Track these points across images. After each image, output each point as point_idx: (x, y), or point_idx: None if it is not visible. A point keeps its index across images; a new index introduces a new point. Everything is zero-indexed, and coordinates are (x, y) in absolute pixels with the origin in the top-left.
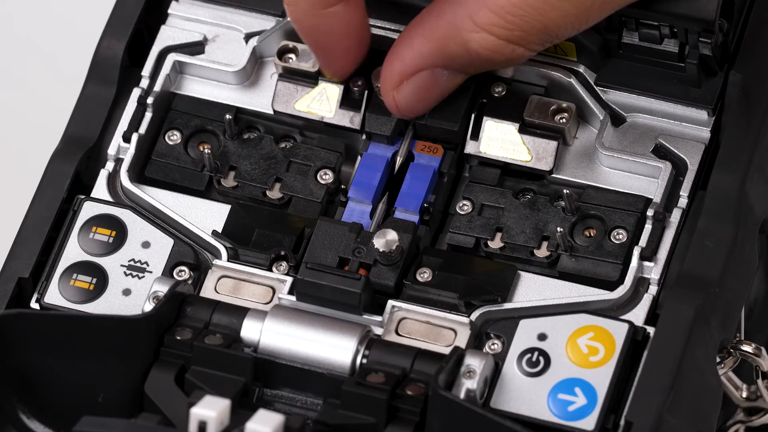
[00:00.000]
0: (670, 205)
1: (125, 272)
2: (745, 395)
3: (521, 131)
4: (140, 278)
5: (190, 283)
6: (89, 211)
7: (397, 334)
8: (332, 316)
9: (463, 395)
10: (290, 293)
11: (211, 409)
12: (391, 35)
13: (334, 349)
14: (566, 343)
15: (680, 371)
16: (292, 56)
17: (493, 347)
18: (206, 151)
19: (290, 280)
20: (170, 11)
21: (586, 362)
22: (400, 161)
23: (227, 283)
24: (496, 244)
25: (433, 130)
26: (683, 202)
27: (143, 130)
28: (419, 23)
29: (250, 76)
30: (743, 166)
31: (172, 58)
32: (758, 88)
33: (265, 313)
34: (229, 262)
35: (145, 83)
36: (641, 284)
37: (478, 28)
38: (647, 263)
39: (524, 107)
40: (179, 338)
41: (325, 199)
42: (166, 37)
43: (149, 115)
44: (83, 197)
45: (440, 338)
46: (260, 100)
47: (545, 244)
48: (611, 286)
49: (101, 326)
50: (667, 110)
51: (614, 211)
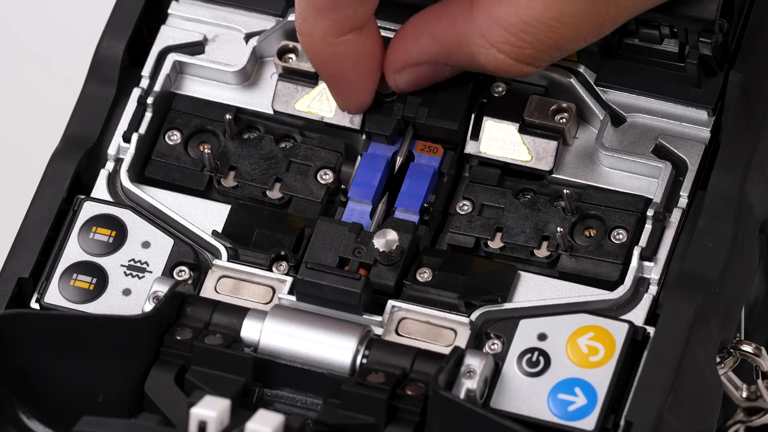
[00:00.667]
0: (670, 205)
1: (125, 272)
2: (745, 395)
3: (521, 131)
4: (140, 278)
5: (190, 283)
6: (89, 211)
7: (397, 334)
8: (332, 316)
9: (463, 395)
10: (290, 293)
11: (211, 409)
12: (390, 36)
13: (334, 349)
14: (566, 343)
15: (680, 371)
16: (292, 56)
17: (493, 347)
18: (206, 151)
19: (290, 280)
20: (170, 11)
21: (586, 362)
22: (400, 161)
23: (227, 283)
24: (496, 244)
25: (433, 130)
26: (683, 202)
27: (143, 130)
28: (429, 22)
29: (250, 76)
30: (743, 166)
31: (172, 58)
32: (758, 88)
33: (265, 313)
34: (229, 262)
35: (145, 83)
36: (641, 284)
37: (488, 44)
38: (647, 263)
39: (524, 107)
40: (179, 338)
41: (325, 199)
42: (166, 37)
43: (149, 115)
44: (83, 197)
45: (440, 338)
46: (260, 100)
47: (545, 244)
48: (611, 286)
49: (101, 326)
50: (667, 110)
51: (614, 211)
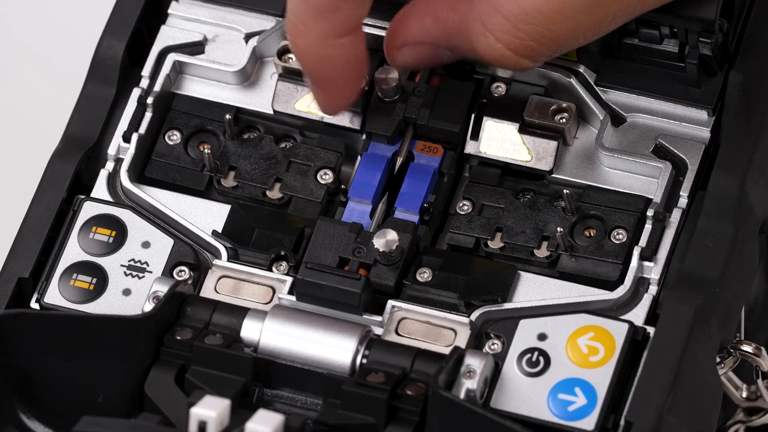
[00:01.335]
0: (670, 205)
1: (125, 272)
2: (745, 395)
3: (521, 131)
4: (140, 278)
5: (190, 283)
6: (89, 211)
7: (397, 334)
8: (332, 316)
9: (463, 395)
10: (290, 293)
11: (211, 409)
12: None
13: (334, 349)
14: (566, 343)
15: (680, 371)
16: (292, 56)
17: (493, 347)
18: (206, 151)
19: (290, 280)
20: (170, 11)
21: (586, 362)
22: (400, 161)
23: (227, 283)
24: (496, 244)
25: (433, 130)
26: (683, 202)
27: (143, 130)
28: (434, 3)
29: (250, 76)
30: (743, 166)
31: (172, 58)
32: (758, 88)
33: (265, 313)
34: (229, 262)
35: (145, 83)
36: (641, 284)
37: (487, 32)
38: (647, 263)
39: (524, 107)
40: (179, 338)
41: (325, 199)
42: (166, 37)
43: (149, 115)
44: (83, 197)
45: (440, 338)
46: (260, 100)
47: (545, 244)
48: (611, 286)
49: (101, 326)
50: (667, 110)
51: (614, 211)
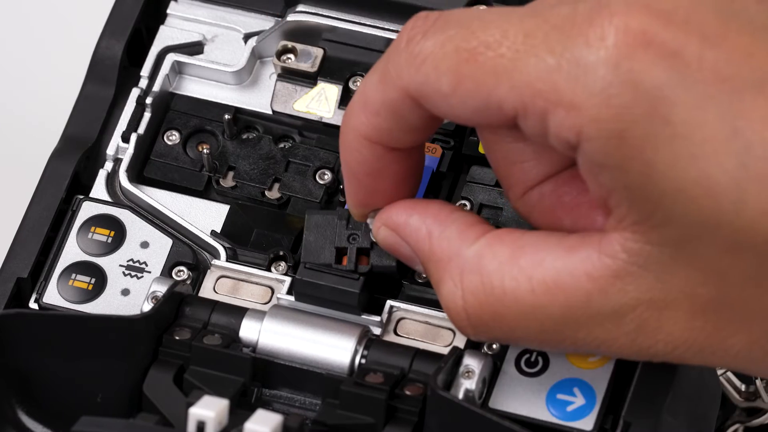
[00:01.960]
0: None
1: (124, 272)
2: (744, 395)
3: None
4: (139, 278)
5: (188, 283)
6: (88, 211)
7: (395, 334)
8: (331, 316)
9: (461, 395)
10: (289, 293)
11: (209, 409)
12: (390, 35)
13: (332, 349)
14: None
15: (679, 371)
16: (290, 56)
17: (491, 347)
18: (205, 151)
19: (289, 280)
20: (169, 11)
21: (584, 362)
22: None
23: (226, 283)
24: None
25: None
26: None
27: (142, 130)
28: (432, 211)
29: (248, 76)
30: None
31: (171, 58)
32: None
33: (263, 313)
34: (227, 262)
35: (144, 83)
36: None
37: (460, 284)
38: None
39: None
40: (178, 338)
41: (323, 199)
42: (165, 37)
43: (148, 115)
44: (82, 197)
45: (439, 338)
46: (259, 100)
47: None
48: None
49: (100, 326)
50: None
51: None
